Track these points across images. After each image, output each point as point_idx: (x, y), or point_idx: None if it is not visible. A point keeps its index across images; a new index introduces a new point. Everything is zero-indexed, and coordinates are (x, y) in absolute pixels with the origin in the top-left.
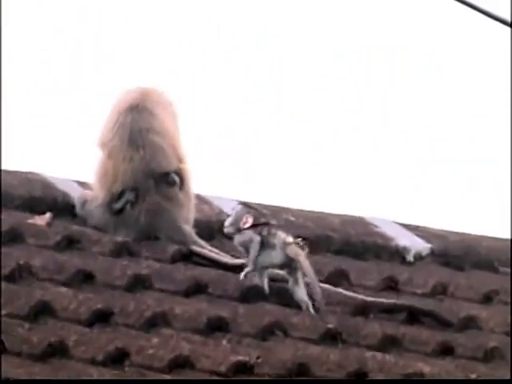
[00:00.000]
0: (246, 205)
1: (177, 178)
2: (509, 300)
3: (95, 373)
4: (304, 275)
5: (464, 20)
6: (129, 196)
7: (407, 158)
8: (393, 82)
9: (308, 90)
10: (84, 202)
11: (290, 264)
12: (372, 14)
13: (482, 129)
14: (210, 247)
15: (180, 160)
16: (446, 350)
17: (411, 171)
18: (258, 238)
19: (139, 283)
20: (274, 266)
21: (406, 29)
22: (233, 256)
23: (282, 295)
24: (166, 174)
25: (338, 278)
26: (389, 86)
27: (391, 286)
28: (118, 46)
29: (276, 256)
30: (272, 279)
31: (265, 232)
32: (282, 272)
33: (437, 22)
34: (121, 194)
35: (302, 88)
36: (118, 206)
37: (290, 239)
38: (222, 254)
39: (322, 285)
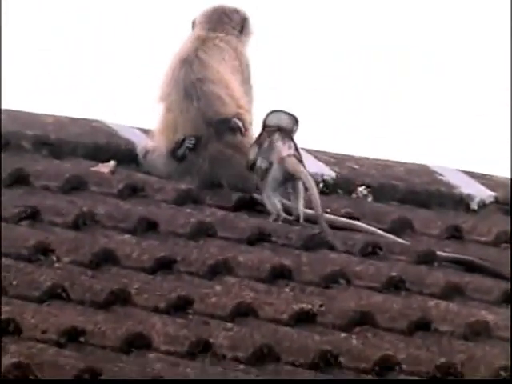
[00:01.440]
0: None
1: (239, 123)
2: None
3: (158, 321)
4: (305, 187)
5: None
6: (189, 142)
7: (472, 106)
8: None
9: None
10: (146, 153)
11: (290, 178)
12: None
13: None
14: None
15: (239, 106)
16: (509, 299)
17: (476, 120)
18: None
19: (202, 231)
20: (278, 184)
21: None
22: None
23: (345, 243)
24: (228, 121)
25: (401, 226)
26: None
27: (455, 234)
28: None
29: (275, 173)
30: (336, 227)
31: (265, 144)
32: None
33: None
34: (182, 142)
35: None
36: (179, 152)
37: (285, 153)
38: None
39: (385, 234)
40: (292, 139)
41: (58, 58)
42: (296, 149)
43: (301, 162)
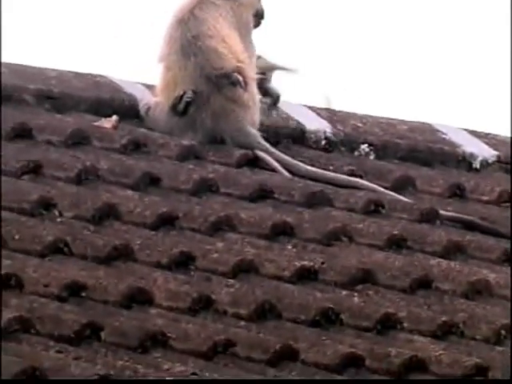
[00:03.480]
0: None
1: (240, 77)
2: None
3: (160, 276)
4: None
5: None
6: (187, 96)
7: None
8: None
9: None
10: (148, 109)
11: None
12: None
13: None
14: (275, 150)
15: (239, 61)
16: (510, 258)
17: (480, 79)
18: None
19: (205, 187)
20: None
21: None
22: (300, 161)
23: (347, 201)
24: (228, 75)
25: (404, 184)
26: None
27: (457, 193)
28: None
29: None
30: (338, 185)
31: None
32: None
33: None
34: (181, 97)
35: None
36: (180, 107)
37: None
38: (286, 158)
39: (388, 191)
40: None
41: (63, 11)
42: None
43: None
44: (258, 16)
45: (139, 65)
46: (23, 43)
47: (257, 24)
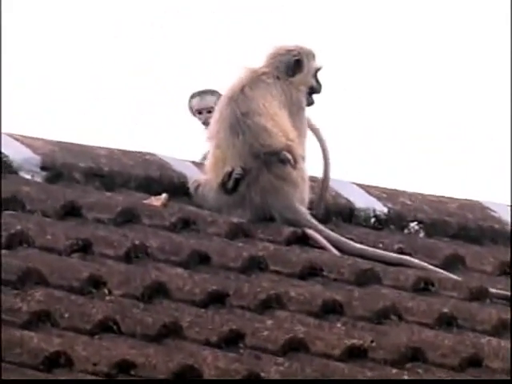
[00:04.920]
0: None
1: (288, 156)
2: None
3: (209, 354)
4: None
5: None
6: (236, 173)
7: None
8: None
9: None
10: (198, 186)
11: None
12: None
13: None
14: (323, 228)
15: (288, 139)
16: None
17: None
18: None
19: (254, 265)
20: None
21: None
22: (349, 239)
23: (397, 279)
24: (277, 153)
25: (453, 262)
26: None
27: (507, 270)
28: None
29: None
30: (387, 263)
31: None
32: None
33: None
34: (230, 174)
35: None
36: (229, 184)
37: None
38: (335, 235)
39: (437, 269)
40: None
41: (111, 91)
42: None
43: None
44: (314, 92)
45: (187, 142)
46: (72, 122)
47: (311, 102)
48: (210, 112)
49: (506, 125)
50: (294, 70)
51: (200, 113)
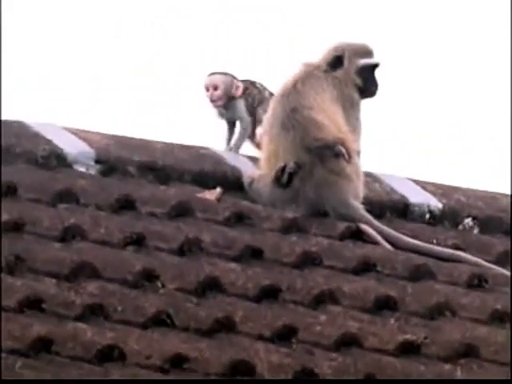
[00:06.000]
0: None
1: (343, 149)
2: None
3: (262, 349)
4: None
5: None
6: (289, 167)
7: None
8: None
9: None
10: (252, 181)
11: None
12: None
13: None
14: (378, 223)
15: (341, 132)
16: None
17: None
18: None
19: (308, 260)
20: None
21: None
22: (403, 234)
23: (451, 275)
24: (330, 146)
25: (507, 258)
26: None
27: None
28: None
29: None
30: (441, 258)
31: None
32: None
33: None
34: (283, 169)
35: None
36: (283, 179)
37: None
38: (389, 231)
39: (491, 265)
40: None
41: (111, 91)
42: None
43: None
44: (366, 93)
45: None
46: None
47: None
48: (215, 89)
49: (506, 125)
50: (333, 66)
51: (207, 90)
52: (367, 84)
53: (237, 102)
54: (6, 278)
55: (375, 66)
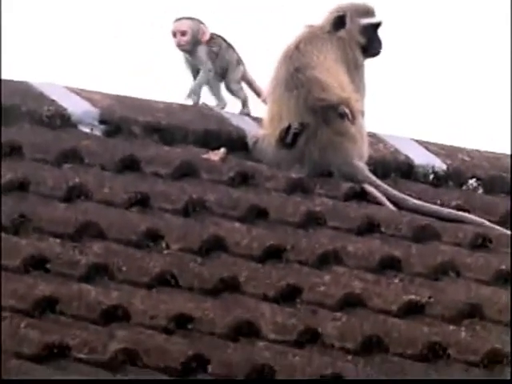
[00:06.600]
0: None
1: (346, 110)
2: None
3: (266, 309)
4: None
5: None
6: (294, 128)
7: None
8: None
9: None
10: (256, 141)
11: None
12: None
13: None
14: (382, 184)
15: (345, 92)
16: None
17: None
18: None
19: (312, 220)
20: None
21: None
22: (407, 195)
23: (456, 235)
24: (334, 107)
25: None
26: None
27: None
28: None
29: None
30: (445, 219)
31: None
32: None
33: None
34: (287, 129)
35: None
36: (288, 139)
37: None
38: (394, 191)
39: (495, 226)
40: None
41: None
42: None
43: None
44: (369, 53)
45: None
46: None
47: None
48: (183, 35)
49: (506, 125)
50: (336, 26)
51: (174, 35)
52: (370, 43)
53: (201, 47)
54: (11, 237)
55: (378, 24)
